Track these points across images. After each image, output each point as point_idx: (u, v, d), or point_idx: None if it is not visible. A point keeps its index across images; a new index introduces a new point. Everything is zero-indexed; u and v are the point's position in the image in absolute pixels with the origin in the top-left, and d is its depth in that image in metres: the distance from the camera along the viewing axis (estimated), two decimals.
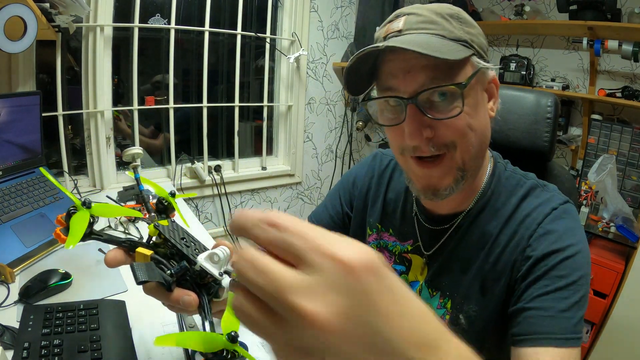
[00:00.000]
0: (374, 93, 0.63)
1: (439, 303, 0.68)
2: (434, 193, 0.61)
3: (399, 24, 0.57)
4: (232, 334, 0.32)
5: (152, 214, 0.52)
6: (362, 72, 0.60)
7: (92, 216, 0.44)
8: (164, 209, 0.53)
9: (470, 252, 0.65)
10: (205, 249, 0.47)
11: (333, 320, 0.21)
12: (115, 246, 0.47)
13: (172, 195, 0.54)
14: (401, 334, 0.22)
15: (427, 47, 0.51)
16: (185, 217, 0.57)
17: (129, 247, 0.47)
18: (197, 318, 0.70)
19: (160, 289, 0.44)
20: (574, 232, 0.59)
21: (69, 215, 0.43)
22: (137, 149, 0.55)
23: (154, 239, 0.47)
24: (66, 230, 0.42)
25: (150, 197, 0.53)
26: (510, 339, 0.56)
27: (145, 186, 0.56)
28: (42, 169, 0.50)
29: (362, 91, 0.63)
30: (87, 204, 0.43)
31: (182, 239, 0.46)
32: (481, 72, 0.58)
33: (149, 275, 0.39)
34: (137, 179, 0.54)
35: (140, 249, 0.45)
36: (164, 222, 0.47)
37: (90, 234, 0.44)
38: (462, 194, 0.64)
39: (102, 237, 0.46)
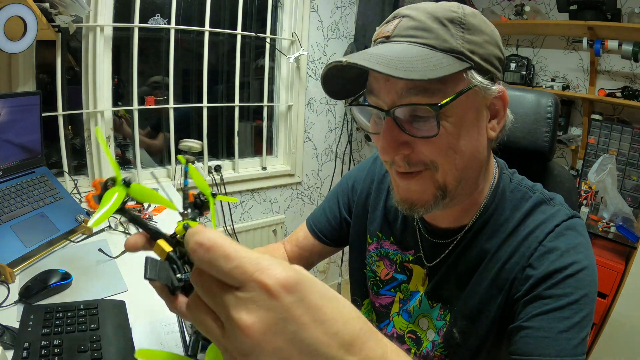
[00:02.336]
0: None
1: (438, 315, 0.67)
2: (410, 207, 0.58)
3: (390, 27, 0.53)
4: None
5: (187, 210, 0.52)
6: (349, 76, 0.56)
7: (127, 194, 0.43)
8: (201, 204, 0.53)
9: (469, 267, 0.63)
10: None
11: (262, 331, 0.26)
12: (137, 228, 0.47)
13: (214, 195, 0.54)
14: (320, 339, 0.27)
15: (396, 63, 0.47)
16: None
17: (152, 235, 0.46)
18: None
19: (165, 290, 0.44)
20: (577, 249, 0.55)
21: (105, 186, 0.41)
22: (196, 143, 0.55)
23: (178, 236, 0.46)
24: (98, 198, 0.41)
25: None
26: (507, 357, 0.54)
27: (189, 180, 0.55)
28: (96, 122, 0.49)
29: (352, 94, 0.60)
30: (127, 183, 0.42)
31: None
32: (476, 90, 0.52)
33: (158, 275, 0.39)
34: (185, 172, 0.54)
35: (161, 242, 0.44)
36: (194, 224, 0.47)
37: (120, 210, 0.43)
38: (461, 207, 0.62)
39: (130, 215, 0.45)
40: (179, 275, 0.41)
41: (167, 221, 1.28)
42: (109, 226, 1.23)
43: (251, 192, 2.16)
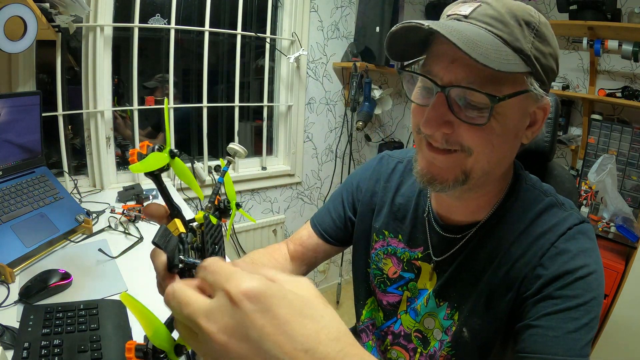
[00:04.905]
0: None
1: (445, 314, 0.67)
2: (429, 181, 0.58)
3: (468, 9, 0.53)
4: (182, 347, 0.33)
5: (209, 204, 0.52)
6: (412, 41, 0.56)
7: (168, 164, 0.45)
8: (223, 210, 0.54)
9: (480, 264, 0.63)
10: None
11: (224, 337, 0.27)
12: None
13: (238, 206, 0.56)
14: (288, 353, 0.27)
15: (474, 45, 0.47)
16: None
17: (172, 212, 0.47)
18: None
19: (164, 265, 0.44)
20: (588, 253, 0.56)
21: (153, 150, 0.44)
22: (242, 149, 0.57)
23: (194, 224, 0.47)
24: (141, 158, 0.43)
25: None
26: (514, 355, 0.55)
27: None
28: None
29: (408, 58, 0.60)
30: (173, 154, 0.44)
31: (215, 244, 0.46)
32: (528, 95, 0.53)
33: (166, 247, 0.40)
34: (223, 171, 0.55)
35: (177, 221, 0.45)
36: (214, 220, 0.48)
37: (155, 175, 0.44)
38: (478, 202, 0.63)
39: (160, 184, 0.45)
40: (181, 257, 0.41)
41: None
42: (109, 226, 1.23)
43: (251, 192, 2.16)
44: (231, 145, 0.56)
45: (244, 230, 2.14)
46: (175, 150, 0.44)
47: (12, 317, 0.78)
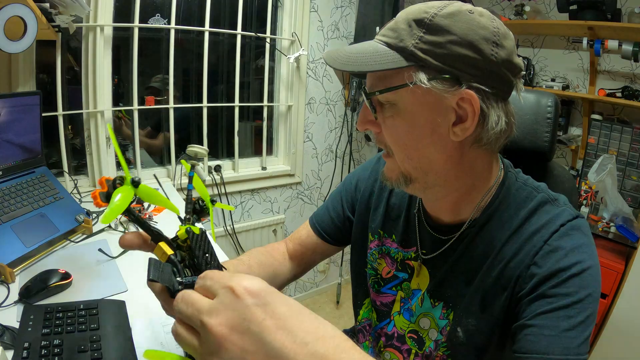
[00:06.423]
0: None
1: (441, 314, 0.67)
2: (383, 181, 0.65)
3: (382, 29, 0.58)
4: None
5: (189, 215, 0.52)
6: None
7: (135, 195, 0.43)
8: (200, 210, 0.54)
9: (474, 264, 0.63)
10: (222, 268, 0.47)
11: (226, 330, 0.29)
12: (137, 229, 0.48)
13: (213, 202, 0.56)
14: (287, 346, 0.28)
15: (349, 58, 0.55)
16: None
17: (154, 237, 0.46)
18: None
19: (164, 292, 0.44)
20: (582, 249, 0.56)
21: (114, 185, 0.42)
22: (202, 149, 0.57)
23: (179, 240, 0.46)
24: (104, 196, 0.42)
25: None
26: (512, 355, 0.54)
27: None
28: None
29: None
30: (135, 183, 0.43)
31: (205, 254, 0.46)
32: (427, 89, 0.51)
33: (161, 277, 0.40)
34: (190, 177, 0.55)
35: (162, 244, 0.45)
36: (196, 230, 0.47)
37: (126, 210, 0.43)
38: (453, 200, 0.63)
39: (134, 216, 0.45)
40: (179, 279, 0.41)
41: (167, 221, 1.28)
42: (109, 226, 1.23)
43: (251, 192, 2.16)
44: (190, 147, 0.56)
45: (244, 230, 2.14)
46: (137, 179, 0.43)
47: (12, 317, 0.78)
